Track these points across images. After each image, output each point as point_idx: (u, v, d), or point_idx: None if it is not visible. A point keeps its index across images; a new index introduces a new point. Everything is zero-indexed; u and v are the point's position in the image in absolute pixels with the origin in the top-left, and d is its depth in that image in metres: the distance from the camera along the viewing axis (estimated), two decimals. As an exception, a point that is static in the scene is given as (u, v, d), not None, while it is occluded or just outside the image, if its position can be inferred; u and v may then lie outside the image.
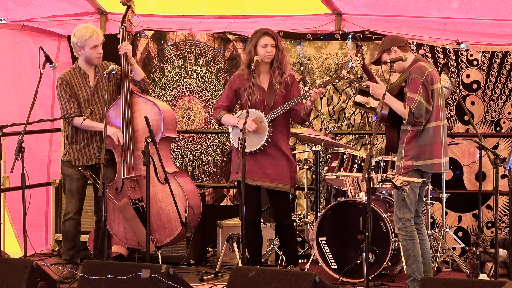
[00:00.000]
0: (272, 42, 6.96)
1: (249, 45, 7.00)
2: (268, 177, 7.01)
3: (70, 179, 7.38)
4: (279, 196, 7.07)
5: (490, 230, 8.33)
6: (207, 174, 9.19)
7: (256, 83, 7.01)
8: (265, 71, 7.06)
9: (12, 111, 8.98)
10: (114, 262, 6.70)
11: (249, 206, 6.99)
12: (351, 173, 7.53)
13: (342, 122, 8.82)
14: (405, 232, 6.54)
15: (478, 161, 7.69)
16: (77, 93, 7.31)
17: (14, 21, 9.10)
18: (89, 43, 7.24)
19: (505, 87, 8.31)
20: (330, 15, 8.71)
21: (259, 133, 6.99)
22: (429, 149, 6.50)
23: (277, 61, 7.00)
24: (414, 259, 6.53)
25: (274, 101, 6.99)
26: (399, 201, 6.53)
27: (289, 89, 7.04)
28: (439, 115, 6.53)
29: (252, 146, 7.01)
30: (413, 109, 6.40)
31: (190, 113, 9.22)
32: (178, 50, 9.20)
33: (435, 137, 6.51)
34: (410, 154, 6.52)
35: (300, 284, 5.89)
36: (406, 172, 6.52)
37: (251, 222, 7.04)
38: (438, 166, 6.54)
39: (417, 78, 6.44)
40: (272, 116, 6.97)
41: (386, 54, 6.63)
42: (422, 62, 6.56)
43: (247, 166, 6.86)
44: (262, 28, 7.06)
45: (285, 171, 7.03)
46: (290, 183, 7.04)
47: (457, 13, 8.23)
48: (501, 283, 5.59)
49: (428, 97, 6.44)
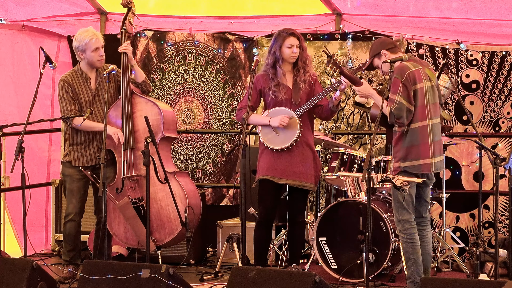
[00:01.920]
0: (297, 42, 7.05)
1: (275, 46, 7.04)
2: (296, 175, 7.06)
3: (70, 179, 7.38)
4: (300, 193, 7.13)
5: (488, 230, 8.34)
6: (207, 174, 9.19)
7: (282, 82, 7.08)
8: (288, 70, 7.13)
9: (12, 111, 8.98)
10: (114, 262, 6.70)
11: (267, 204, 7.07)
12: (351, 173, 7.54)
13: (340, 122, 8.82)
14: (405, 235, 6.51)
15: (477, 161, 7.69)
16: (78, 96, 7.31)
17: (14, 21, 9.10)
18: (90, 46, 7.25)
19: (505, 87, 8.31)
20: (330, 15, 8.72)
21: (290, 129, 7.03)
22: (416, 149, 6.44)
23: (301, 60, 7.09)
24: (414, 262, 6.51)
25: (300, 98, 7.05)
26: (396, 203, 6.51)
27: (312, 87, 7.13)
28: (425, 114, 6.46)
29: (284, 143, 7.05)
30: (393, 109, 6.37)
31: (189, 113, 9.22)
32: (177, 50, 9.21)
33: (422, 137, 6.45)
34: (398, 155, 6.50)
35: (300, 284, 5.89)
36: (396, 174, 6.48)
37: (264, 221, 7.10)
38: (426, 166, 6.47)
39: (397, 79, 6.41)
40: (301, 112, 7.03)
41: (377, 59, 6.63)
42: (407, 62, 6.50)
43: (274, 165, 7.01)
44: (286, 29, 7.12)
45: (311, 169, 7.09)
46: (314, 182, 7.12)
47: (457, 13, 8.24)
48: (501, 283, 5.59)
49: (410, 97, 6.39)
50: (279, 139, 7.05)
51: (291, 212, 7.25)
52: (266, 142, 7.10)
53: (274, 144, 7.06)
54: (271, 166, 7.05)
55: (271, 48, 7.09)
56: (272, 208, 7.14)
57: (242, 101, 7.19)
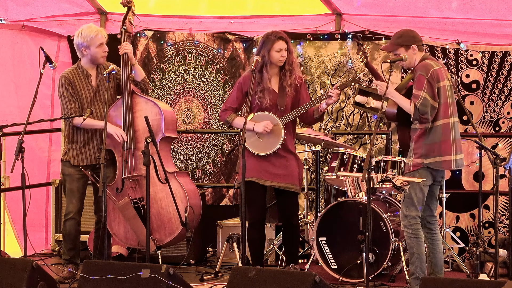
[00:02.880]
0: (286, 46, 6.98)
1: (263, 50, 6.96)
2: (280, 178, 7.02)
3: (70, 179, 7.38)
4: (288, 195, 7.10)
5: (488, 230, 8.33)
6: (207, 174, 9.19)
7: (267, 87, 7.02)
8: (274, 74, 7.07)
9: (12, 111, 8.97)
10: (114, 262, 6.70)
11: (255, 205, 7.05)
12: (351, 173, 7.53)
13: (340, 122, 8.82)
14: (410, 230, 6.54)
15: (477, 161, 7.69)
16: (79, 93, 7.31)
17: (14, 21, 9.10)
18: (95, 41, 7.26)
19: (505, 87, 8.31)
20: (330, 15, 8.72)
21: (274, 136, 7.00)
22: (438, 146, 6.51)
23: (288, 63, 7.02)
24: (418, 257, 6.54)
25: (285, 103, 7.02)
26: (407, 198, 6.55)
27: (298, 91, 7.07)
28: (448, 112, 6.54)
29: (267, 149, 7.02)
30: (418, 105, 6.41)
31: (189, 113, 9.22)
32: (177, 50, 9.21)
33: (445, 134, 6.52)
34: (419, 152, 6.54)
35: (300, 284, 5.88)
36: (415, 170, 6.52)
37: (255, 222, 7.08)
38: (447, 163, 6.54)
39: (421, 75, 6.47)
40: (286, 120, 6.98)
41: (403, 49, 6.62)
42: (429, 60, 6.58)
43: (258, 167, 6.97)
44: (274, 32, 7.03)
45: (295, 171, 7.06)
46: (299, 184, 7.09)
47: (457, 13, 8.24)
48: (501, 283, 5.59)
49: (434, 94, 6.46)
50: (262, 144, 6.99)
51: (283, 216, 7.22)
52: (248, 145, 7.02)
53: (256, 149, 7.02)
54: (255, 168, 6.99)
55: (259, 51, 6.99)
56: (262, 208, 7.13)
57: (227, 102, 7.16)
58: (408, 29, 6.74)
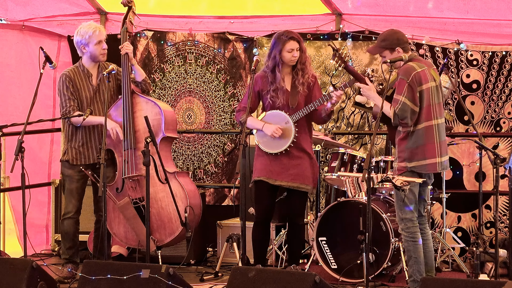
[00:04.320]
0: (297, 46, 6.98)
1: (275, 50, 6.96)
2: (290, 177, 7.02)
3: (70, 179, 7.38)
4: (297, 195, 7.10)
5: (489, 230, 8.33)
6: (208, 174, 9.19)
7: (280, 86, 7.03)
8: (287, 73, 7.07)
9: (13, 111, 8.97)
10: (114, 262, 6.71)
11: (261, 205, 7.07)
12: (351, 173, 7.53)
13: (341, 122, 8.82)
14: (407, 233, 6.52)
15: (478, 161, 7.69)
16: (79, 91, 7.31)
17: (14, 21, 9.10)
18: (93, 39, 7.26)
19: (505, 87, 8.31)
20: (330, 15, 8.72)
21: (285, 135, 7.01)
22: (422, 150, 6.46)
23: (300, 63, 7.02)
24: (415, 260, 6.52)
25: (297, 102, 7.02)
26: (399, 201, 6.53)
27: (311, 89, 7.08)
28: (431, 114, 6.48)
29: (277, 148, 7.03)
30: (397, 110, 6.39)
31: (190, 113, 9.22)
32: (178, 50, 9.21)
33: (427, 137, 6.47)
34: (402, 156, 6.51)
35: (300, 284, 5.88)
36: (401, 174, 6.50)
37: (261, 221, 7.09)
38: (432, 166, 6.50)
39: (402, 80, 6.42)
40: (297, 117, 6.98)
41: (388, 52, 6.60)
42: (413, 62, 6.51)
43: (269, 167, 6.99)
44: (286, 32, 7.02)
45: (307, 171, 7.05)
46: (311, 184, 7.08)
47: (457, 13, 8.23)
48: (501, 283, 5.59)
49: (415, 98, 6.41)
50: (273, 143, 7.02)
51: (289, 215, 7.22)
52: (260, 144, 7.08)
53: (269, 147, 7.04)
54: (266, 168, 7.03)
55: (271, 52, 7.01)
56: (269, 208, 7.13)
57: (241, 103, 7.17)
58: (393, 31, 6.68)
